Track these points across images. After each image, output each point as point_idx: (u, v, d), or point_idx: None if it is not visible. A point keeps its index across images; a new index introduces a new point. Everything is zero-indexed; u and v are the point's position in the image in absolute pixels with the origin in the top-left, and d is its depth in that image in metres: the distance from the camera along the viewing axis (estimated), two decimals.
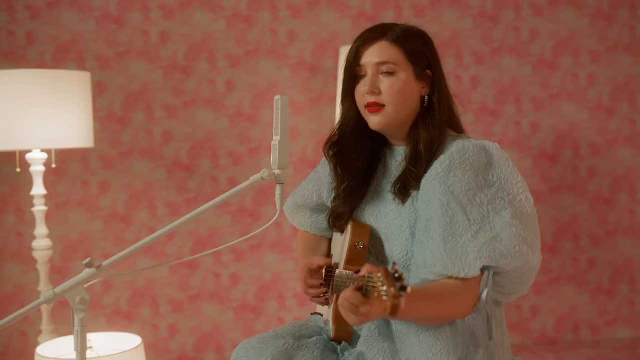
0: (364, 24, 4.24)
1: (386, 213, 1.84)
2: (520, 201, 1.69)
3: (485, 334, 1.74)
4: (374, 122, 1.85)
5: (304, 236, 2.13)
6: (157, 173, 4.15)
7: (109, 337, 2.54)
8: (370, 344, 1.76)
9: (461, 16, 4.33)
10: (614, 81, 4.46)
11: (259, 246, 4.20)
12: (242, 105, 4.20)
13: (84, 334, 1.64)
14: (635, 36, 4.47)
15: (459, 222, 1.65)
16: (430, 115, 1.83)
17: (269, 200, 4.22)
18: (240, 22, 4.18)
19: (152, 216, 4.15)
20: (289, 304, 4.26)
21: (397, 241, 1.80)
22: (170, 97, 4.14)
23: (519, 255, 1.66)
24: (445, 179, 1.70)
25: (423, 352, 1.69)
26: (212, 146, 4.19)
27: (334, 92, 4.23)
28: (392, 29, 1.85)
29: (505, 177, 1.71)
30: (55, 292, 1.64)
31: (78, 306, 1.63)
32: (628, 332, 4.52)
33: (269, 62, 4.22)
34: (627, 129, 4.47)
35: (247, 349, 1.76)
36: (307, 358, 1.72)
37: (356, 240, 1.82)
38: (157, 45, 4.12)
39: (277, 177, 1.73)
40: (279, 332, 1.84)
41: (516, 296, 1.83)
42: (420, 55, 1.85)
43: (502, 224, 1.66)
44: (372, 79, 1.83)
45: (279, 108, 1.71)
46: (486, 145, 1.75)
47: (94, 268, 1.66)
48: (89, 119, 3.14)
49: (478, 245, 1.63)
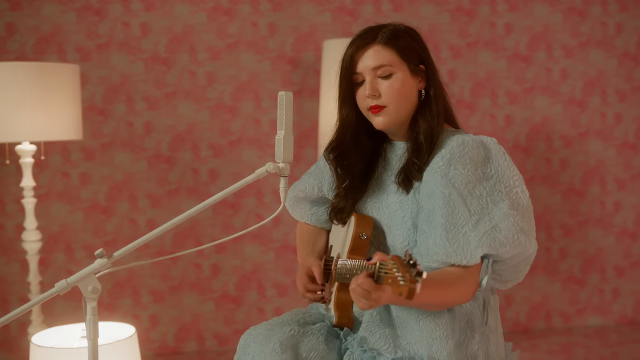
0: (343, 17, 4.30)
1: (388, 205, 1.91)
2: (516, 193, 1.79)
3: (481, 319, 1.83)
4: (378, 122, 1.92)
5: (304, 228, 2.20)
6: (138, 165, 4.17)
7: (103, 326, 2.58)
8: (372, 330, 1.84)
9: (439, 11, 4.41)
10: (586, 75, 4.57)
11: (240, 237, 4.25)
12: (222, 98, 4.23)
13: (95, 322, 1.69)
14: (606, 32, 4.58)
15: (460, 212, 1.74)
16: (427, 107, 1.91)
17: (249, 192, 4.26)
18: (221, 15, 4.21)
19: (133, 208, 4.17)
20: (269, 294, 4.32)
21: (399, 231, 1.87)
22: (151, 89, 4.16)
23: (517, 244, 1.75)
24: (446, 172, 1.78)
25: (423, 337, 1.78)
26: (193, 138, 4.21)
27: (315, 85, 4.28)
28: (381, 31, 1.91)
29: (502, 171, 1.80)
30: (68, 282, 1.68)
31: (90, 295, 1.68)
32: (598, 319, 4.65)
33: (250, 54, 4.25)
34: (599, 123, 4.59)
35: (254, 335, 1.83)
36: (313, 343, 1.80)
37: (360, 231, 1.90)
38: (138, 37, 4.13)
39: (282, 171, 1.78)
40: (284, 319, 1.90)
41: (512, 284, 1.93)
42: (412, 51, 1.91)
43: (500, 215, 1.75)
44: (371, 83, 1.89)
45: (283, 103, 1.77)
46: (484, 140, 1.84)
47: (105, 258, 1.69)
48: (77, 111, 3.16)
49: (479, 235, 1.72)
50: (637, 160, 4.63)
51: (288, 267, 4.33)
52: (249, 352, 1.80)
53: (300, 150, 4.30)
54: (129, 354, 2.45)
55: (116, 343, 2.42)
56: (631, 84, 4.62)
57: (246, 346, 1.83)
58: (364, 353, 1.79)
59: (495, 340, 1.87)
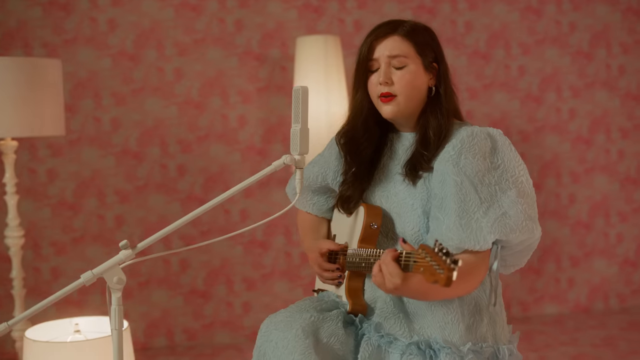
0: (309, 14, 4.36)
1: (396, 193, 1.99)
2: (521, 182, 1.88)
3: (487, 303, 1.92)
4: (387, 111, 1.98)
5: (306, 217, 2.25)
6: (106, 161, 4.16)
7: (96, 320, 2.59)
8: (386, 316, 1.92)
9: (401, 9, 4.50)
10: (543, 72, 4.73)
11: (208, 232, 4.27)
12: (190, 94, 4.25)
13: (121, 312, 1.71)
14: (561, 30, 4.75)
15: (472, 200, 1.82)
16: (438, 105, 1.98)
17: (217, 187, 4.29)
18: (188, 11, 4.22)
19: (101, 204, 4.16)
20: (237, 288, 4.35)
21: (409, 218, 1.95)
22: (118, 85, 4.15)
23: (526, 230, 1.84)
24: (457, 161, 1.86)
25: (436, 321, 1.87)
26: (161, 134, 4.22)
27: (281, 81, 4.33)
28: (402, 24, 1.99)
29: (508, 160, 1.89)
30: (94, 273, 1.70)
31: (115, 286, 1.71)
32: (554, 308, 4.82)
33: (217, 50, 4.28)
34: (554, 118, 4.75)
35: (275, 322, 1.87)
36: (332, 329, 1.86)
37: (371, 220, 1.96)
38: (105, 33, 4.12)
39: (297, 163, 1.83)
40: (301, 306, 1.96)
41: (514, 268, 2.02)
42: (428, 48, 1.99)
43: (508, 202, 1.84)
44: (385, 71, 1.96)
45: (299, 97, 1.81)
46: (490, 131, 1.93)
47: (130, 249, 1.72)
48: (60, 107, 3.15)
49: (490, 221, 1.81)
50: (590, 153, 4.81)
51: (256, 262, 4.37)
52: (272, 338, 1.85)
53: (268, 145, 4.34)
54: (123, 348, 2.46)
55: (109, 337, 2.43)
56: (584, 80, 4.80)
57: (268, 333, 1.87)
58: (381, 338, 1.86)
59: (501, 322, 1.97)
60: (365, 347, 1.85)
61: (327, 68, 3.55)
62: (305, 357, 1.76)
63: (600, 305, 4.90)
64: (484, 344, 1.88)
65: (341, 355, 1.85)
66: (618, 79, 4.85)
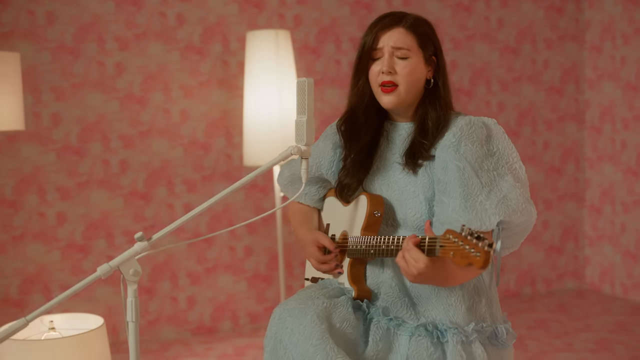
0: (250, 9, 4.38)
1: (396, 181, 2.07)
2: (515, 169, 2.00)
3: (484, 285, 2.03)
4: (387, 101, 2.06)
5: (298, 207, 2.31)
6: (47, 157, 4.08)
7: (71, 317, 2.56)
8: (392, 300, 2.01)
9: (339, 4, 4.58)
10: (473, 67, 4.91)
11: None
12: (132, 88, 4.21)
13: (137, 304, 1.72)
14: (490, 25, 4.93)
15: (474, 184, 1.92)
16: (436, 96, 2.07)
17: (160, 182, 4.27)
18: (129, 5, 4.18)
19: (41, 201, 4.07)
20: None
21: (411, 205, 2.03)
22: (58, 80, 4.08)
23: (526, 212, 1.95)
24: (458, 147, 1.96)
25: (439, 304, 1.97)
26: (103, 129, 4.17)
27: (223, 75, 4.35)
28: (405, 17, 2.06)
29: (503, 148, 2.00)
30: (111, 265, 1.70)
31: (131, 278, 1.71)
32: None
33: (158, 45, 4.25)
34: (484, 110, 4.94)
35: (289, 309, 1.92)
36: (344, 314, 1.93)
37: (374, 209, 2.03)
38: (44, 26, 4.04)
39: (304, 153, 1.88)
40: (311, 293, 2.01)
41: (509, 251, 2.13)
42: (429, 42, 2.07)
43: (507, 186, 1.94)
44: (388, 60, 2.04)
45: (305, 89, 1.87)
46: (485, 120, 2.03)
47: (145, 241, 1.73)
48: (19, 101, 3.08)
49: (493, 204, 1.91)
50: (517, 145, 5.02)
51: (200, 256, 4.38)
52: (287, 325, 1.89)
53: (209, 140, 4.35)
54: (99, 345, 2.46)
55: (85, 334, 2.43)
56: (511, 74, 5.01)
57: (282, 320, 1.91)
58: (390, 321, 1.94)
59: (496, 303, 2.08)
60: (375, 331, 1.93)
61: (279, 62, 3.59)
62: (323, 341, 1.82)
63: (528, 289, 5.13)
64: (483, 324, 1.98)
65: (353, 339, 1.92)
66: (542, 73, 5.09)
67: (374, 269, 2.07)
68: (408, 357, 1.88)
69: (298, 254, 4.56)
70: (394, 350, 1.91)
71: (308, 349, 1.82)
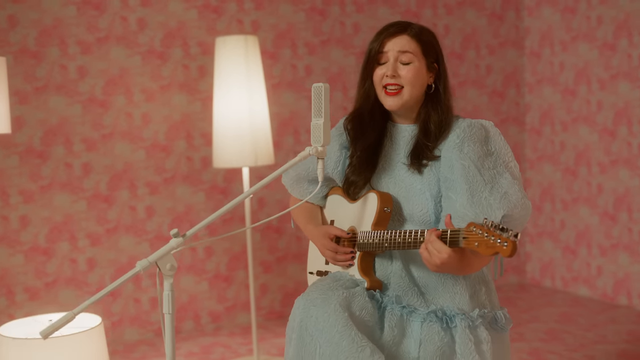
0: (208, 14, 4.47)
1: (403, 179, 2.22)
2: (511, 167, 2.17)
3: (484, 275, 2.21)
4: (391, 103, 2.21)
5: (302, 205, 2.43)
6: (10, 160, 4.07)
7: None
8: (403, 289, 2.16)
9: (295, 10, 4.71)
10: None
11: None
12: (94, 92, 4.24)
13: (173, 297, 1.82)
14: (437, 32, 5.11)
15: (478, 181, 2.09)
16: (438, 101, 2.23)
17: (123, 185, 4.31)
18: (91, 9, 4.21)
19: (4, 204, 4.07)
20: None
21: (417, 201, 2.18)
22: (21, 83, 4.08)
23: (525, 207, 2.13)
24: (462, 148, 2.13)
25: (446, 292, 2.14)
26: (66, 132, 4.19)
27: (183, 79, 4.42)
28: (410, 26, 2.22)
29: (500, 148, 2.18)
30: (149, 260, 1.79)
31: (168, 272, 1.81)
32: None
33: (120, 49, 4.30)
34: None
35: (312, 299, 2.05)
36: (362, 303, 2.08)
37: (384, 205, 2.18)
38: (6, 30, 4.03)
39: (320, 153, 2.00)
40: (329, 285, 2.14)
41: None
42: (432, 50, 2.23)
43: (507, 183, 2.11)
44: (393, 64, 2.19)
45: (322, 94, 2.00)
46: (483, 123, 2.21)
47: (180, 237, 1.82)
48: (5, 105, 3.09)
49: (497, 199, 2.07)
50: None
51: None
52: (312, 314, 2.02)
53: (171, 142, 4.42)
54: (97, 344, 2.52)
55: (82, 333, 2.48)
56: (457, 79, 5.23)
57: (306, 309, 2.04)
58: (403, 309, 2.10)
59: (494, 291, 2.25)
60: (390, 318, 2.08)
61: (248, 67, 3.69)
62: (347, 328, 1.97)
63: None
64: (485, 310, 2.15)
65: (370, 326, 2.07)
66: (485, 78, 5.34)
67: (383, 262, 2.22)
68: (421, 341, 2.04)
69: (256, 254, 4.66)
70: (407, 335, 2.07)
71: (334, 335, 1.96)
